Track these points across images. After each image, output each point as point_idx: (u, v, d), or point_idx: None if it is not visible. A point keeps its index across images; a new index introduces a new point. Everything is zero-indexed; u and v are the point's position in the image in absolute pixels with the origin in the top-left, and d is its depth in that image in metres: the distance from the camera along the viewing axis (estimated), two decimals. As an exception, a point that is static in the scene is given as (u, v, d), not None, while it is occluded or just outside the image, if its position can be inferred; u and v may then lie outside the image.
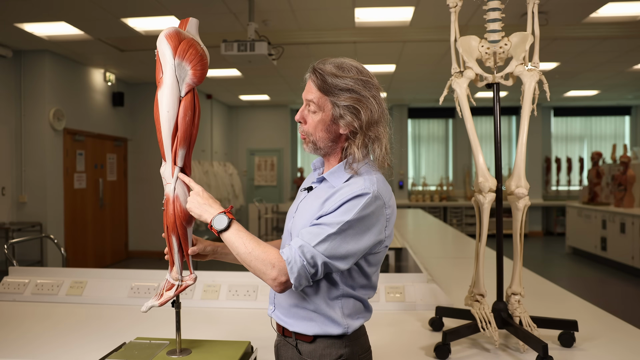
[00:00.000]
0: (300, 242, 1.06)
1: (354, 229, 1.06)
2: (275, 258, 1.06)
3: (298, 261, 1.04)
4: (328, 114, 1.14)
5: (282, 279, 1.05)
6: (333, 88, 1.12)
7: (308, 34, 5.25)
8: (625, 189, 6.73)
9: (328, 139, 1.17)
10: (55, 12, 4.48)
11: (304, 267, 1.04)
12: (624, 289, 5.73)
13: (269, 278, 1.06)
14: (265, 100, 9.84)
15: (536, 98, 1.71)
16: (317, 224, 1.08)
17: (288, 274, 1.05)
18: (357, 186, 1.10)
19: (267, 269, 1.05)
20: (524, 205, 1.69)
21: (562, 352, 1.64)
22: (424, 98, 9.80)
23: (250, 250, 1.07)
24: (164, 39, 1.20)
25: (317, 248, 1.05)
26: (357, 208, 1.06)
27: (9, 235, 5.29)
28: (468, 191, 10.51)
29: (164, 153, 1.23)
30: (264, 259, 1.06)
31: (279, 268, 1.05)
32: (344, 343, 1.14)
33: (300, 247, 1.05)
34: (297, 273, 1.04)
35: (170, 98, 1.20)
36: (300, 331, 1.15)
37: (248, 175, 10.60)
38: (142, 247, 7.90)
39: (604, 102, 10.24)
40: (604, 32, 5.17)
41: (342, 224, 1.05)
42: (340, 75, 1.12)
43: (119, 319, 1.99)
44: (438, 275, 2.60)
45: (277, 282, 1.05)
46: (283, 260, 1.05)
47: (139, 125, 7.84)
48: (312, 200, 1.18)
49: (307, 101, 1.16)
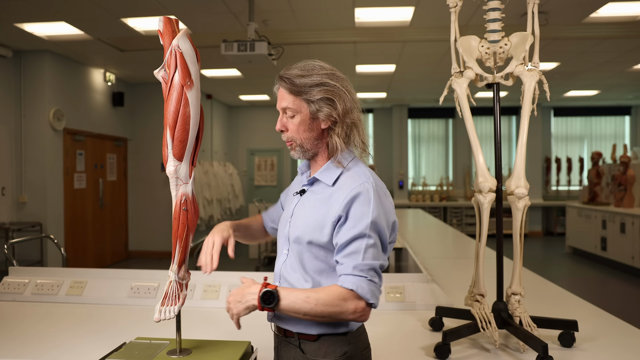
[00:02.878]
0: (350, 265, 1.07)
1: (378, 225, 1.10)
2: (341, 291, 1.06)
3: (363, 281, 1.06)
4: (306, 113, 1.17)
5: (361, 305, 1.06)
6: (303, 87, 1.15)
7: (308, 34, 5.25)
8: (625, 189, 6.73)
9: (313, 137, 1.19)
10: (55, 12, 4.48)
11: (370, 282, 1.06)
12: (624, 289, 5.73)
13: (350, 312, 1.06)
14: (265, 100, 9.84)
15: (536, 98, 1.71)
16: (348, 243, 1.09)
17: (363, 298, 1.06)
18: (355, 184, 1.12)
19: (342, 307, 1.05)
20: (524, 205, 1.68)
21: (562, 352, 1.64)
22: (424, 98, 9.80)
23: (316, 301, 1.05)
24: (186, 38, 1.20)
25: (366, 261, 1.07)
26: (370, 209, 1.09)
27: (9, 235, 5.28)
28: (468, 191, 10.51)
29: (180, 154, 1.23)
30: (332, 301, 1.05)
31: (351, 297, 1.06)
32: (347, 340, 1.15)
33: (353, 269, 1.07)
34: (369, 291, 1.06)
35: (198, 99, 1.23)
36: (304, 332, 1.15)
37: (248, 175, 10.60)
38: (142, 247, 7.90)
39: (604, 102, 10.24)
40: (604, 32, 5.17)
41: (368, 228, 1.08)
42: (306, 74, 1.16)
43: (119, 319, 1.99)
44: (438, 275, 2.60)
45: (358, 311, 1.06)
46: (348, 290, 1.06)
47: (139, 125, 7.82)
48: (310, 204, 1.19)
49: (283, 109, 1.19)
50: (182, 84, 1.21)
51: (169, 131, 1.22)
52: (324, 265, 1.15)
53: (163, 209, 7.81)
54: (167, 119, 1.22)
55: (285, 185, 10.46)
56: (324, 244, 1.13)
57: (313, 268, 1.15)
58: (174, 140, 1.22)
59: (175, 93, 1.21)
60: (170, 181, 1.26)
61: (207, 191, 8.44)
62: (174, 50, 1.20)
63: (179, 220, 1.27)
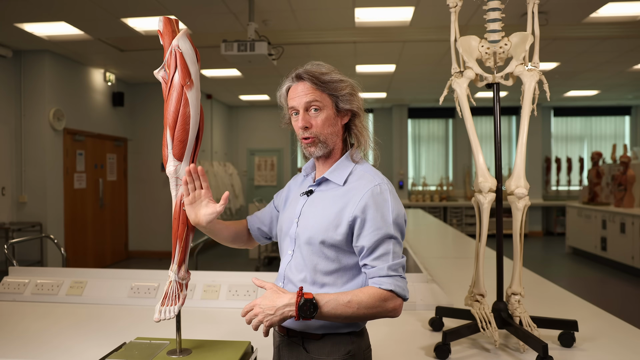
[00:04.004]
0: (384, 267, 1.10)
1: (399, 224, 1.14)
2: (382, 293, 1.09)
3: (398, 279, 1.11)
4: (331, 108, 1.20)
5: (399, 302, 1.11)
6: (330, 83, 1.18)
7: (308, 34, 5.24)
8: (625, 189, 6.73)
9: (334, 133, 1.22)
10: (55, 12, 4.48)
11: (403, 279, 1.13)
12: (624, 289, 5.73)
13: (390, 311, 1.10)
14: (265, 100, 9.84)
15: (536, 98, 1.71)
16: (376, 246, 1.12)
17: (400, 296, 1.10)
18: (370, 184, 1.15)
19: (383, 307, 1.09)
20: (524, 205, 1.68)
21: (562, 352, 1.64)
22: (424, 98, 9.80)
23: (357, 304, 1.08)
24: (186, 38, 1.20)
25: (395, 260, 1.11)
26: (389, 207, 1.13)
27: (9, 235, 5.28)
28: (468, 191, 10.51)
29: (180, 154, 1.23)
30: (374, 303, 1.08)
31: (391, 297, 1.10)
32: (351, 339, 1.15)
33: (388, 269, 1.10)
34: (405, 288, 1.11)
35: (198, 99, 1.24)
36: (309, 331, 1.15)
37: (248, 175, 10.60)
38: (142, 247, 7.90)
39: (604, 102, 10.24)
40: (604, 32, 5.17)
41: (392, 228, 1.12)
42: (326, 72, 1.19)
43: (119, 319, 1.99)
44: (438, 275, 2.60)
45: (397, 308, 1.11)
46: (388, 291, 1.09)
47: (139, 125, 7.81)
48: (321, 203, 1.19)
49: (308, 104, 1.18)
50: (182, 84, 1.21)
51: (169, 131, 1.22)
52: (335, 265, 1.15)
53: (163, 209, 7.81)
54: (167, 119, 1.22)
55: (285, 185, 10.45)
56: (337, 242, 1.14)
57: (323, 269, 1.15)
58: (174, 140, 1.23)
59: (175, 93, 1.21)
60: (170, 181, 1.26)
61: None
62: (173, 50, 1.20)
63: (179, 220, 1.27)
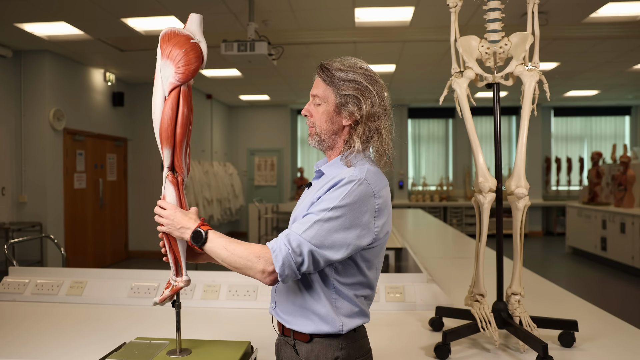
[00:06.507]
0: (287, 232, 1.08)
1: (340, 216, 1.06)
2: (260, 250, 1.06)
3: (283, 249, 1.04)
4: (331, 104, 1.18)
5: (270, 269, 1.05)
6: (337, 80, 1.17)
7: (308, 34, 5.25)
8: (625, 189, 6.73)
9: (331, 130, 1.20)
10: (55, 12, 4.48)
11: (289, 255, 1.03)
12: (624, 289, 5.73)
13: (257, 271, 1.06)
14: (265, 100, 9.84)
15: (536, 98, 1.71)
16: (306, 214, 1.10)
17: (273, 263, 1.04)
18: (345, 173, 1.12)
19: (252, 263, 1.06)
20: (524, 205, 1.68)
21: (562, 352, 1.64)
22: (424, 98, 9.80)
23: (232, 251, 1.08)
24: (159, 40, 1.24)
25: (303, 236, 1.05)
26: (342, 194, 1.07)
27: (9, 235, 5.28)
28: (468, 191, 10.51)
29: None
30: (247, 255, 1.06)
31: (265, 258, 1.05)
32: (340, 345, 1.13)
33: (286, 236, 1.06)
34: (281, 261, 1.03)
35: (158, 99, 1.23)
36: (297, 329, 1.15)
37: (248, 175, 10.60)
38: (142, 247, 7.90)
39: (604, 102, 10.24)
40: (604, 32, 5.17)
41: (328, 210, 1.06)
42: (345, 69, 1.18)
43: (119, 319, 1.99)
44: (438, 275, 2.60)
45: (265, 273, 1.05)
46: (268, 250, 1.05)
47: (139, 125, 7.83)
48: (308, 195, 1.20)
49: (313, 96, 1.21)
50: None
51: None
52: None
53: (163, 209, 7.79)
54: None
55: (285, 185, 10.47)
56: None
57: None
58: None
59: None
60: None
61: (207, 191, 8.44)
62: None
63: None
